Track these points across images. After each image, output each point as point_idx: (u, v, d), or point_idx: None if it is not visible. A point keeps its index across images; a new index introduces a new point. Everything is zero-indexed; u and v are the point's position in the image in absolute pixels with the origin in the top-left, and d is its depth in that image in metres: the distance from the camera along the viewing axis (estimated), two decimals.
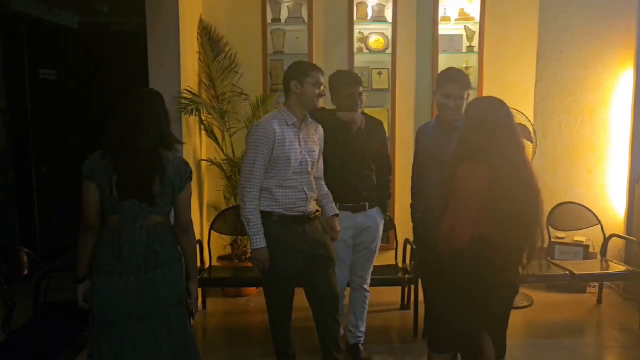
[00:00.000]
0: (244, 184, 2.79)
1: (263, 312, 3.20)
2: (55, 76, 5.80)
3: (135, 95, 2.55)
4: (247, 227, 2.77)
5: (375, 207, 3.32)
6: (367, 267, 3.39)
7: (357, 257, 3.36)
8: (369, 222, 3.28)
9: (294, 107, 2.83)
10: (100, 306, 2.31)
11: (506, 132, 2.39)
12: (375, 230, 3.32)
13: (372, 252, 3.35)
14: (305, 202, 2.86)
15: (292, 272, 2.87)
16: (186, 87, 4.04)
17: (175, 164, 2.39)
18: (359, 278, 3.39)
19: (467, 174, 2.36)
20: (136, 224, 2.29)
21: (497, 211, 2.32)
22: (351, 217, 3.20)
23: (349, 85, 3.21)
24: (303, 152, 2.83)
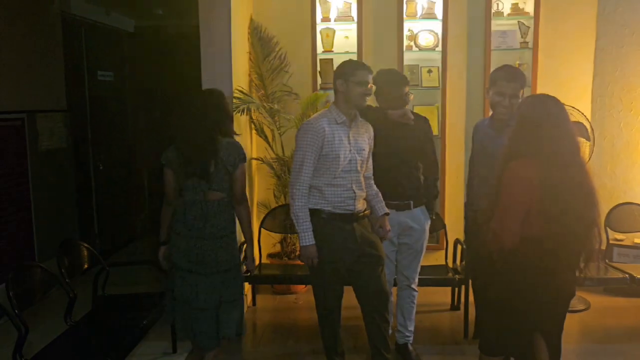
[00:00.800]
0: (293, 181, 2.82)
1: (311, 310, 3.23)
2: (112, 77, 6.02)
3: (198, 92, 3.14)
4: (296, 224, 2.80)
5: (420, 206, 3.28)
6: (413, 267, 3.35)
7: (402, 257, 3.33)
8: (413, 221, 3.25)
9: (342, 106, 2.84)
10: (175, 258, 2.82)
11: (558, 130, 2.32)
12: (420, 230, 3.28)
13: (417, 252, 3.32)
14: (353, 200, 2.86)
15: (341, 269, 2.88)
16: (237, 86, 4.11)
17: (229, 148, 2.77)
18: (405, 277, 3.37)
19: (516, 172, 2.31)
20: (197, 198, 2.77)
21: (548, 211, 2.26)
22: (395, 215, 3.18)
23: (395, 86, 3.19)
24: (352, 151, 2.84)
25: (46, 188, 4.77)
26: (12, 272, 2.65)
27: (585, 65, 4.61)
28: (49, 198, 4.80)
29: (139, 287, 4.31)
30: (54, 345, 2.83)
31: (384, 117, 3.11)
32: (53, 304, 3.21)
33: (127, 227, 6.32)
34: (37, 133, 4.65)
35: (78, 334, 2.97)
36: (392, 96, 3.16)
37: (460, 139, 4.74)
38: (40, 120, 4.70)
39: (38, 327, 3.51)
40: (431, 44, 4.70)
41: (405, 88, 3.19)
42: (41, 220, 4.68)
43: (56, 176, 4.96)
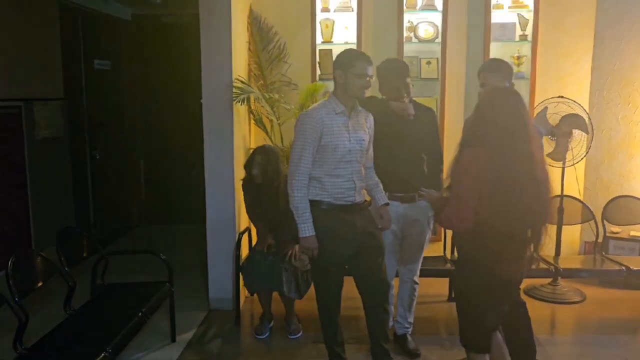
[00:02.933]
0: (292, 172, 2.81)
1: (310, 300, 3.24)
2: (109, 66, 5.97)
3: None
4: (296, 215, 2.80)
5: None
6: (416, 260, 3.36)
7: (406, 250, 3.34)
8: (417, 213, 3.25)
9: (341, 96, 2.83)
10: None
11: (514, 124, 2.34)
12: (424, 222, 3.28)
13: (420, 245, 3.32)
14: (353, 191, 2.86)
15: (341, 260, 2.89)
16: (237, 76, 4.09)
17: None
18: (408, 270, 3.38)
19: (468, 159, 2.35)
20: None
21: (498, 199, 2.29)
22: (399, 207, 3.18)
23: (397, 76, 3.18)
24: (352, 141, 2.83)
25: (43, 177, 4.75)
26: (13, 259, 2.64)
27: (584, 59, 4.62)
28: (45, 187, 4.78)
29: (138, 276, 4.32)
30: (53, 334, 2.82)
31: (386, 108, 3.11)
32: (51, 293, 3.21)
33: (123, 216, 6.31)
34: (34, 121, 4.62)
35: (77, 323, 2.96)
36: (392, 86, 3.15)
37: (458, 130, 4.64)
38: (38, 109, 4.67)
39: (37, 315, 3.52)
40: (431, 36, 4.69)
41: (406, 78, 3.18)
42: (38, 209, 4.66)
43: (53, 165, 4.94)
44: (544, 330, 3.77)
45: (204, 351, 3.55)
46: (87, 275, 3.42)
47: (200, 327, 3.87)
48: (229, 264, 4.07)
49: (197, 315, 4.02)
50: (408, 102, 3.15)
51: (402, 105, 3.11)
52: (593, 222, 4.35)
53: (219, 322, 3.95)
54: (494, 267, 2.37)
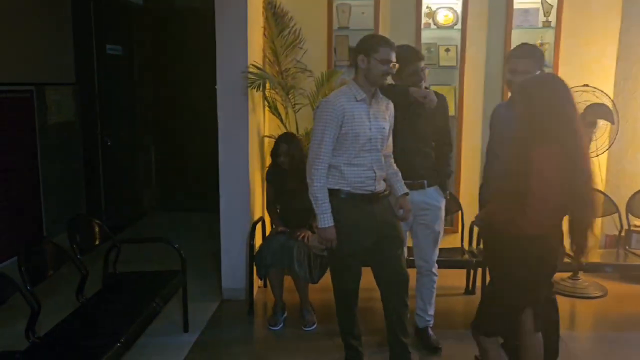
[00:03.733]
0: (311, 161, 2.73)
1: (325, 290, 3.17)
2: (121, 52, 5.89)
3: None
4: (315, 204, 2.72)
5: (434, 186, 3.20)
6: (432, 250, 3.28)
7: (421, 240, 3.25)
8: (428, 200, 3.17)
9: (362, 82, 2.74)
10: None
11: (571, 114, 2.24)
12: (437, 209, 3.20)
13: (435, 233, 3.24)
14: (373, 180, 2.77)
15: (360, 251, 2.81)
16: (252, 61, 4.00)
17: None
18: (425, 262, 3.29)
19: (540, 159, 2.20)
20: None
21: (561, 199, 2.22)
22: (410, 194, 3.05)
23: (411, 61, 3.08)
24: (372, 129, 2.74)
25: (54, 162, 4.70)
26: (24, 246, 2.58)
27: (609, 47, 4.47)
28: (57, 172, 4.73)
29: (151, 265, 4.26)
30: (65, 323, 2.76)
31: (406, 94, 3.00)
32: (62, 281, 3.15)
33: (134, 203, 6.26)
34: (45, 106, 4.56)
35: (90, 312, 2.91)
36: (406, 72, 3.04)
37: (477, 120, 4.64)
38: (49, 93, 4.61)
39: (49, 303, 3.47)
40: (450, 22, 4.57)
41: (420, 63, 3.07)
42: (49, 195, 4.62)
43: (64, 151, 4.89)
44: (564, 325, 3.64)
45: (217, 342, 3.48)
46: (98, 263, 3.36)
47: (213, 317, 3.81)
48: (242, 254, 4.00)
49: (209, 305, 3.97)
50: (425, 88, 3.06)
51: (423, 92, 3.00)
52: (616, 215, 4.23)
53: (231, 312, 3.89)
54: (545, 267, 2.32)
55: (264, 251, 3.63)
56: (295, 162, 3.64)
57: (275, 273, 3.63)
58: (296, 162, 3.63)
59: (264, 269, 3.65)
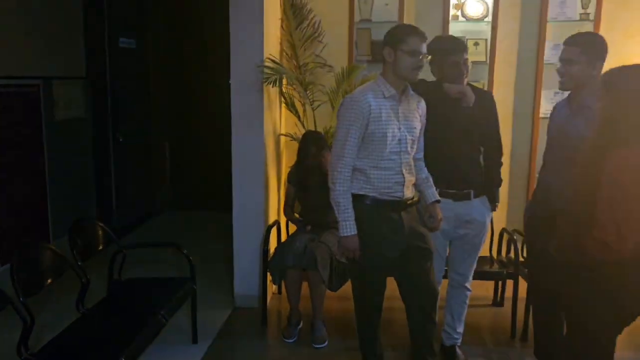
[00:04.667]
0: (334, 163, 2.48)
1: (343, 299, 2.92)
2: (134, 45, 5.70)
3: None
4: (337, 211, 2.47)
5: (481, 196, 2.91)
6: (469, 264, 3.01)
7: (458, 253, 2.99)
8: (472, 213, 2.87)
9: (390, 77, 2.47)
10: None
11: None
12: (481, 223, 2.91)
13: (475, 247, 2.96)
14: (402, 185, 2.51)
15: (385, 263, 2.55)
16: (269, 55, 3.76)
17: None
18: (459, 276, 3.02)
19: (628, 163, 1.91)
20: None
21: None
22: (452, 205, 2.82)
23: (453, 52, 2.79)
24: (402, 129, 2.48)
25: (62, 160, 4.51)
26: (17, 254, 2.36)
27: None
28: (65, 171, 4.54)
29: (159, 269, 4.06)
30: (64, 336, 2.56)
31: (440, 91, 2.74)
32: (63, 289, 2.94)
33: (147, 202, 6.07)
34: (53, 101, 4.37)
35: (90, 324, 2.69)
36: (450, 62, 2.76)
37: (507, 118, 4.35)
38: (57, 88, 4.42)
39: (48, 313, 3.28)
40: (480, 14, 4.28)
41: (462, 55, 2.79)
42: (56, 195, 4.43)
43: (73, 148, 4.69)
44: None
45: (227, 356, 3.26)
46: (103, 269, 3.15)
47: (224, 326, 3.59)
48: (256, 259, 3.77)
49: (220, 313, 3.74)
50: (467, 85, 2.78)
51: (458, 88, 2.73)
52: None
53: (244, 322, 3.66)
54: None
55: (285, 250, 3.40)
56: (320, 161, 3.49)
57: (293, 276, 3.37)
58: (321, 161, 3.49)
59: (280, 271, 3.40)
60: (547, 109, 4.28)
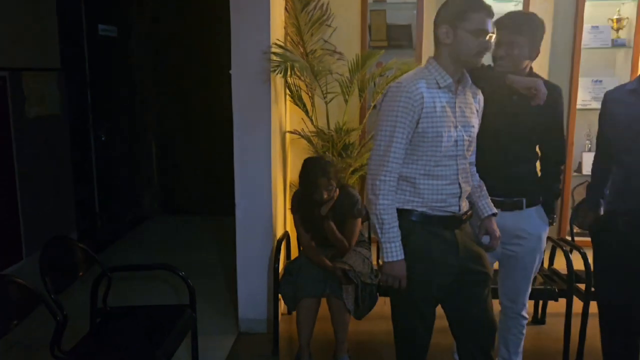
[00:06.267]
0: (375, 169, 1.98)
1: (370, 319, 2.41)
2: (116, 33, 5.14)
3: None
4: (379, 230, 1.97)
5: (535, 206, 2.43)
6: (522, 289, 2.53)
7: (508, 276, 2.51)
8: (525, 226, 2.40)
9: (447, 63, 1.98)
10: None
11: None
12: (536, 240, 2.43)
13: (528, 268, 2.48)
14: (457, 198, 2.02)
15: (436, 293, 2.06)
16: (276, 40, 3.24)
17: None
18: (512, 303, 2.55)
19: None
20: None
21: None
22: (500, 216, 2.31)
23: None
24: (459, 127, 1.99)
25: (35, 163, 3.95)
26: None
27: None
28: (38, 176, 3.98)
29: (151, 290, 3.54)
30: None
31: (501, 82, 2.24)
32: (35, 327, 2.41)
33: (134, 207, 5.54)
34: (23, 96, 3.81)
35: None
36: (507, 51, 2.27)
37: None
38: (27, 80, 3.85)
39: None
40: None
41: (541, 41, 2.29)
42: (29, 203, 3.87)
43: (47, 149, 4.12)
44: None
45: None
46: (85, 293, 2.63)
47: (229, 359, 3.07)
48: (263, 278, 3.27)
49: (223, 341, 3.23)
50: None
51: (529, 82, 2.23)
52: None
53: (251, 351, 3.16)
54: None
55: (299, 275, 2.91)
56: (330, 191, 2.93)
57: (309, 306, 2.87)
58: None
59: (293, 300, 2.91)
60: (584, 99, 3.84)
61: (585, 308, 2.88)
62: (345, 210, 2.92)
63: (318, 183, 2.85)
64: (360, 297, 2.80)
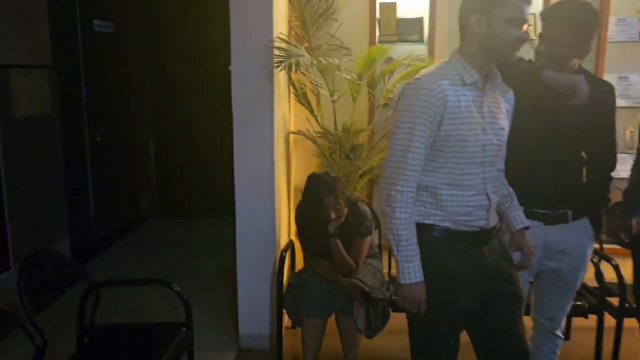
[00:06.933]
0: (391, 178, 1.74)
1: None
2: (112, 29, 4.93)
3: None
4: (395, 247, 1.74)
5: (582, 218, 2.18)
6: (561, 307, 2.29)
7: (547, 292, 2.28)
8: (570, 241, 2.16)
9: (474, 57, 1.74)
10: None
11: None
12: (580, 258, 2.20)
13: (570, 286, 2.24)
14: (486, 210, 1.79)
15: (461, 318, 1.83)
16: (279, 33, 3.01)
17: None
18: (547, 320, 2.31)
19: None
20: None
21: None
22: (540, 230, 2.10)
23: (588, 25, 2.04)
24: (487, 130, 1.75)
25: (24, 165, 3.73)
26: None
27: None
28: (28, 177, 3.77)
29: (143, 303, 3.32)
30: None
31: (536, 78, 2.00)
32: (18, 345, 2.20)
33: (131, 209, 5.33)
34: (9, 95, 3.59)
35: None
36: (551, 48, 2.01)
37: None
38: (16, 78, 3.63)
39: None
40: None
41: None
42: (17, 211, 3.65)
43: (38, 149, 3.90)
44: None
45: None
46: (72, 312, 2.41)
47: None
48: (265, 289, 3.04)
49: (222, 358, 3.01)
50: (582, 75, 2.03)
51: (565, 78, 1.99)
52: None
53: None
54: None
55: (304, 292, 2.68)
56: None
57: (315, 326, 2.64)
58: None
59: (298, 318, 2.68)
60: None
61: (619, 325, 2.64)
62: (353, 229, 2.67)
63: (325, 202, 2.58)
64: (372, 314, 2.58)
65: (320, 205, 2.59)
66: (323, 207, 2.58)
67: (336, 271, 2.66)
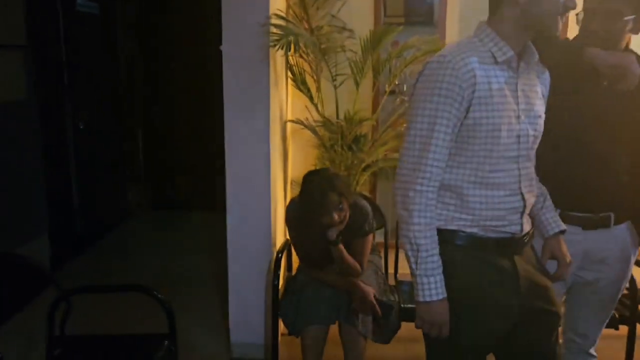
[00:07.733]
0: (408, 176, 1.46)
1: None
2: (98, 10, 4.64)
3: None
4: (413, 259, 1.46)
5: (625, 222, 1.91)
6: (597, 323, 2.04)
7: (581, 306, 2.02)
8: (611, 247, 1.89)
9: (508, 30, 1.46)
10: None
11: None
12: (623, 264, 1.93)
13: (608, 299, 1.99)
14: (520, 213, 1.51)
15: (489, 342, 1.56)
16: (275, 10, 2.72)
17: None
18: (580, 337, 2.06)
19: None
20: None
21: None
22: (579, 236, 1.83)
23: None
24: (522, 118, 1.47)
25: None
26: None
27: None
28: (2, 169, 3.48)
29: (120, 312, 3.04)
30: None
31: (578, 57, 1.72)
32: None
33: (117, 202, 5.07)
34: None
35: None
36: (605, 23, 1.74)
37: None
38: None
39: None
40: None
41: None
42: None
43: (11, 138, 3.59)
44: None
45: None
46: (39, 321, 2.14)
47: None
48: (260, 294, 2.78)
49: None
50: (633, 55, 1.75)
51: (613, 57, 1.69)
52: None
53: None
54: None
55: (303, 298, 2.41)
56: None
57: (316, 335, 2.37)
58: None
59: (297, 326, 2.41)
60: None
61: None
62: (354, 228, 2.37)
63: (326, 201, 2.22)
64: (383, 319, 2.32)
65: (320, 206, 2.25)
66: (325, 209, 2.25)
67: (329, 271, 2.40)
